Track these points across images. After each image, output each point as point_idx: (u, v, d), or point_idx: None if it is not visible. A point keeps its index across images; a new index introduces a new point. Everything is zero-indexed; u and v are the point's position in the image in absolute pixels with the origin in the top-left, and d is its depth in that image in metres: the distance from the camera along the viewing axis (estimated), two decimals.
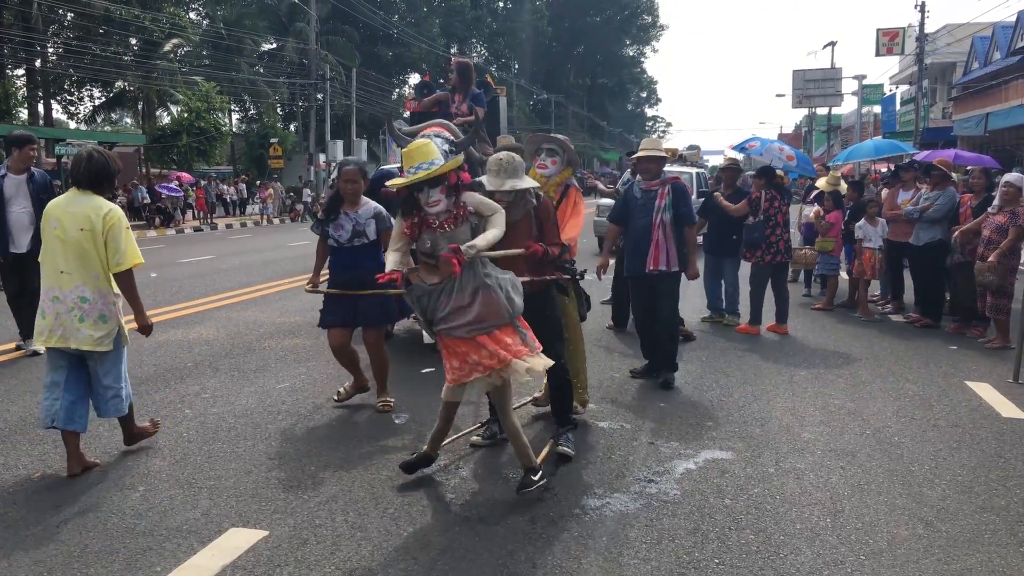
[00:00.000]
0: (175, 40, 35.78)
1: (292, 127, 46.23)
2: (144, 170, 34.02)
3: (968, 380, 6.49)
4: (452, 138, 7.08)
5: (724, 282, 8.96)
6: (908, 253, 9.13)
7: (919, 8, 31.56)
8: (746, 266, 8.76)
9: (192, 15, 43.65)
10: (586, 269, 5.38)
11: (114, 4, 32.00)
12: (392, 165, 8.06)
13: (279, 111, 46.41)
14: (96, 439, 4.93)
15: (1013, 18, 25.69)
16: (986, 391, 6.17)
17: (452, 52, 50.51)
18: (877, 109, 42.35)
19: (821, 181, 11.02)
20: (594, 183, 22.62)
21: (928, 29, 32.60)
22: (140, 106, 37.98)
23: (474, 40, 62.74)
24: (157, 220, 27.88)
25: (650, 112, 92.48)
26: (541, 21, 63.09)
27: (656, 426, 5.28)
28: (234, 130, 44.54)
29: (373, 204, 5.52)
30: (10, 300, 7.42)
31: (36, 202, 7.09)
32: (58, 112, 37.88)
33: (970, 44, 30.01)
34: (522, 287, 4.15)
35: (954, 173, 9.57)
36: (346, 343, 5.59)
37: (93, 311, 4.30)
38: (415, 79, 50.79)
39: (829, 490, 4.21)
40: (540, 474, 4.12)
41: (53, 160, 27.14)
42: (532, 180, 4.58)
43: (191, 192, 30.59)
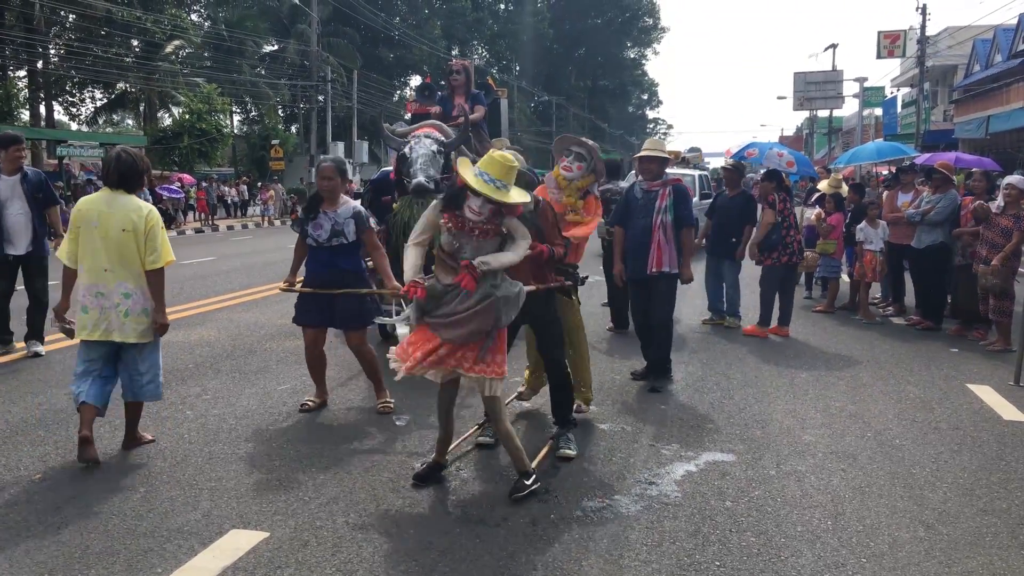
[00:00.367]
0: (177, 42, 35.84)
1: (293, 129, 46.27)
2: None
3: (969, 383, 6.49)
4: (444, 138, 7.14)
5: (725, 284, 8.97)
6: (909, 255, 9.14)
7: (920, 11, 31.54)
8: (750, 268, 8.76)
9: (194, 17, 43.69)
10: (587, 275, 5.37)
11: (116, 5, 32.06)
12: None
13: (280, 113, 46.49)
14: (97, 440, 4.93)
15: (1014, 21, 25.70)
16: (987, 394, 6.17)
17: (453, 54, 50.58)
18: (878, 111, 42.33)
19: (823, 183, 11.04)
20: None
21: (929, 32, 32.57)
22: (142, 107, 38.10)
23: (475, 42, 62.74)
24: None
25: (651, 114, 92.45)
26: (542, 23, 63.04)
27: (657, 428, 5.28)
28: (235, 132, 44.58)
29: (352, 204, 5.44)
30: None
31: (32, 203, 7.08)
32: (60, 114, 38.04)
33: (971, 47, 30.01)
34: (526, 295, 4.15)
35: (955, 176, 9.55)
36: (320, 343, 5.58)
37: (136, 306, 4.54)
38: (416, 81, 50.91)
39: (830, 492, 4.21)
40: (533, 478, 4.12)
41: (55, 162, 27.18)
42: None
43: (192, 193, 30.59)
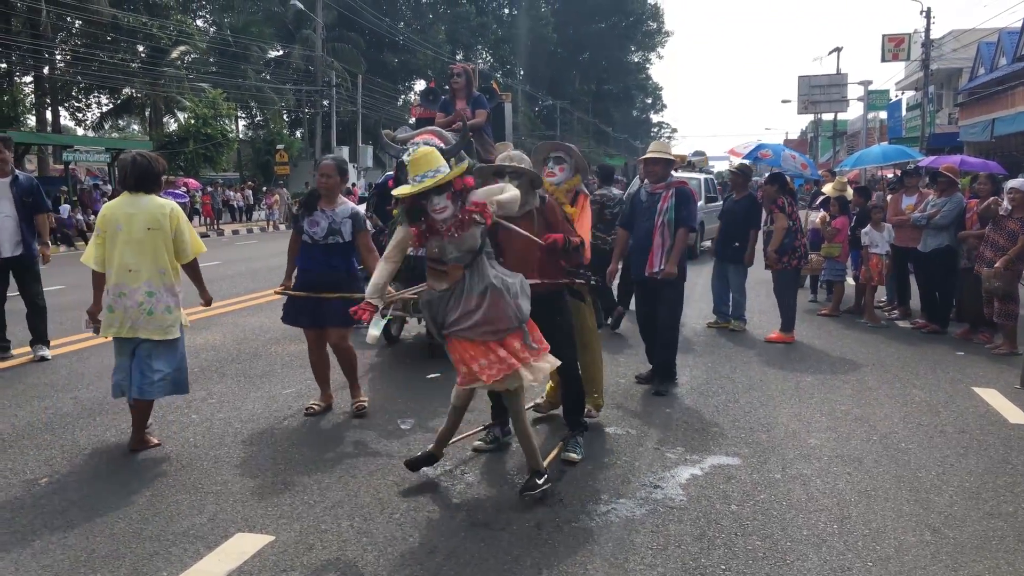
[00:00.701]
0: (182, 47, 36.00)
1: (298, 133, 46.43)
2: None
3: (975, 386, 6.47)
4: (443, 145, 7.14)
5: (731, 288, 8.96)
6: (914, 259, 9.12)
7: (925, 14, 31.51)
8: (755, 272, 8.73)
9: (199, 22, 43.88)
10: (597, 279, 5.34)
11: (122, 11, 32.20)
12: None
13: (285, 118, 46.66)
14: (103, 445, 4.95)
15: (1019, 24, 25.67)
16: (993, 397, 6.15)
17: (457, 58, 50.65)
18: (883, 115, 42.26)
19: (827, 187, 11.02)
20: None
21: (934, 35, 32.50)
22: (147, 113, 38.27)
23: (479, 47, 62.87)
24: None
25: (655, 118, 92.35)
26: (546, 28, 63.14)
27: (662, 432, 5.28)
28: (241, 137, 44.70)
29: (350, 204, 5.47)
30: None
31: (20, 206, 7.07)
32: (66, 119, 38.16)
33: (976, 50, 29.93)
34: (530, 290, 4.16)
35: (960, 179, 9.53)
36: (323, 343, 5.62)
37: (160, 304, 4.72)
38: (421, 85, 50.95)
39: (836, 496, 4.20)
40: (545, 478, 4.13)
41: (61, 167, 27.25)
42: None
43: (198, 198, 30.69)
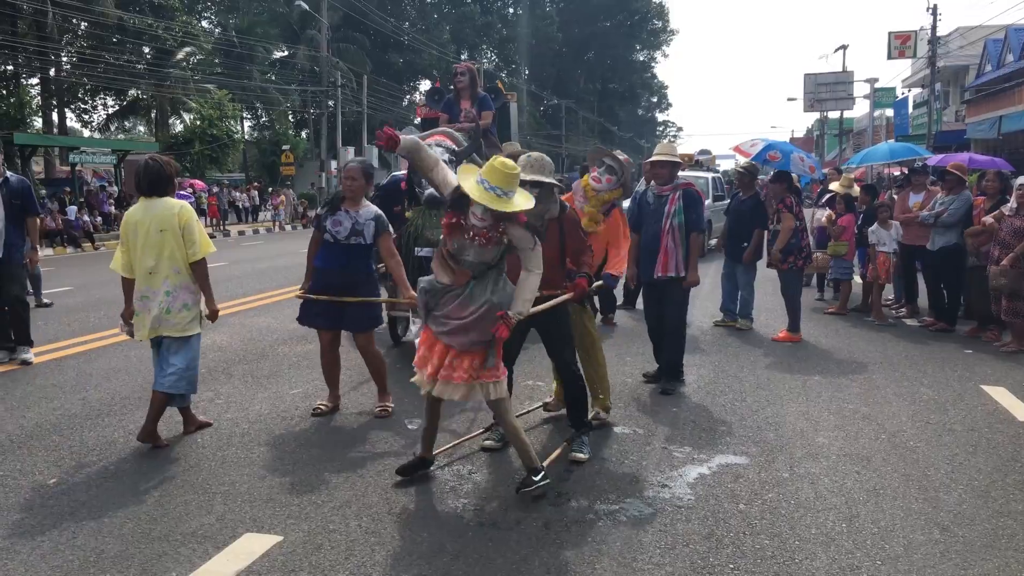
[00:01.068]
0: (188, 48, 36.05)
1: (304, 134, 46.45)
2: None
3: (983, 384, 6.45)
4: (454, 147, 7.14)
5: (739, 286, 8.94)
6: (921, 257, 9.09)
7: (931, 11, 31.41)
8: (764, 270, 8.71)
9: (204, 23, 43.99)
10: (601, 283, 5.38)
11: (127, 13, 32.28)
12: (404, 172, 8.06)
13: (291, 118, 46.69)
14: (109, 443, 4.97)
15: None
16: (1002, 395, 6.12)
17: (462, 58, 50.65)
18: (889, 112, 42.12)
19: (834, 184, 10.99)
20: None
21: (940, 32, 32.38)
22: (153, 114, 38.36)
23: (484, 46, 62.89)
24: None
25: (661, 117, 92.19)
26: (551, 27, 63.11)
27: (669, 431, 5.27)
28: (246, 137, 44.81)
29: (374, 208, 5.52)
30: None
31: (8, 208, 7.06)
32: (72, 120, 38.35)
33: (983, 47, 29.81)
34: (533, 297, 4.14)
35: (968, 177, 9.49)
36: (336, 345, 5.65)
37: (176, 302, 4.87)
38: (426, 85, 51.00)
39: (844, 495, 4.19)
40: (542, 475, 4.12)
41: (67, 168, 27.32)
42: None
43: (204, 199, 30.74)
